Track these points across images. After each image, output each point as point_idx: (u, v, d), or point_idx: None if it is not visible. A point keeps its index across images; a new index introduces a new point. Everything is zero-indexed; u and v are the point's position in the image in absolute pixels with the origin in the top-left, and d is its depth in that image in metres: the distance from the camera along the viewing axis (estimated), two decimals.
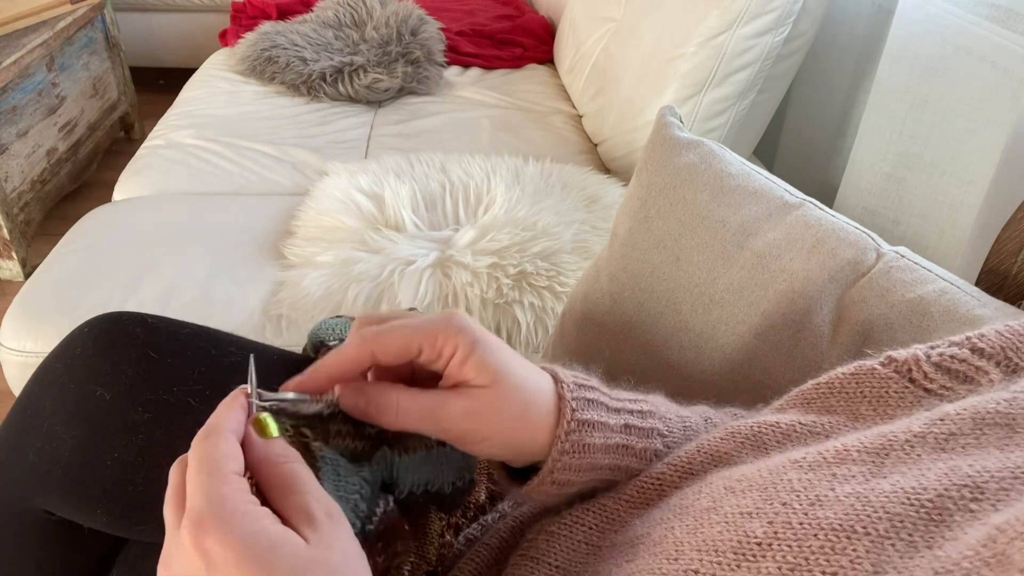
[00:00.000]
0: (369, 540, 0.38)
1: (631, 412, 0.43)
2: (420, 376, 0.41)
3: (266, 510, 0.32)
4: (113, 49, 2.28)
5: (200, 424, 0.57)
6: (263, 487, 0.34)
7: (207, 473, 0.32)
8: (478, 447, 0.39)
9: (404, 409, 0.37)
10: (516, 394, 0.39)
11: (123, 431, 0.56)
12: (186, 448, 0.56)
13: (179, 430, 0.57)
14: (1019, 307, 0.58)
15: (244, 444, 0.35)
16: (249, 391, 0.37)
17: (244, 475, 0.33)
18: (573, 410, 0.40)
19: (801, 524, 0.30)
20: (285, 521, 0.32)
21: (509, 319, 1.06)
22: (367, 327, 0.38)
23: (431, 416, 0.38)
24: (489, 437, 0.38)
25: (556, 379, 0.42)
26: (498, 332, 1.06)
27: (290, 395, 0.38)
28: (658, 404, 0.46)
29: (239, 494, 0.31)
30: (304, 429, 0.39)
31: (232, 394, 0.36)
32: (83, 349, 0.59)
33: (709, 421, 0.48)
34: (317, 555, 0.30)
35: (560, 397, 0.41)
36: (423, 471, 0.41)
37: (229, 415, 0.35)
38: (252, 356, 0.38)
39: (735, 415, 0.50)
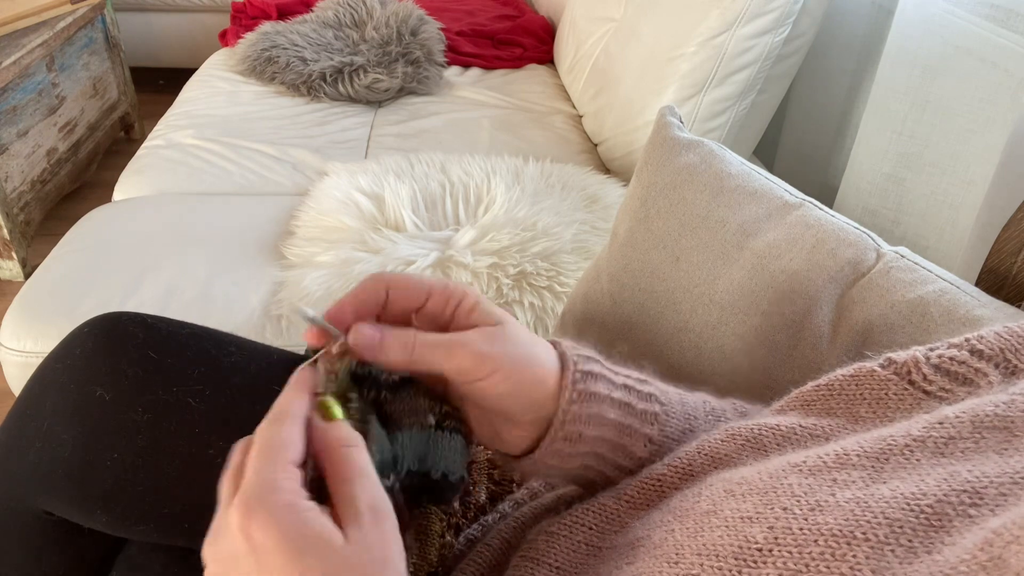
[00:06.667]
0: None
1: (628, 376, 0.44)
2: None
3: (312, 504, 0.32)
4: (113, 49, 2.28)
5: (200, 424, 0.57)
6: (324, 471, 0.34)
7: (265, 458, 0.33)
8: (490, 381, 0.39)
9: (421, 341, 0.38)
10: (523, 334, 0.40)
11: (123, 431, 0.56)
12: (186, 448, 0.57)
13: (179, 430, 0.57)
14: (1019, 307, 0.58)
15: (309, 427, 0.36)
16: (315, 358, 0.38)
17: (306, 464, 0.34)
18: (575, 362, 0.41)
19: (801, 530, 0.30)
20: (336, 511, 0.33)
21: None
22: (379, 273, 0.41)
23: (448, 347, 0.38)
24: (501, 367, 0.38)
25: (554, 343, 0.43)
26: None
27: (319, 317, 0.39)
28: (653, 378, 0.47)
29: (289, 483, 0.32)
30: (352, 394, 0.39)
31: (297, 376, 0.37)
32: (83, 349, 0.59)
33: (707, 404, 0.48)
34: (351, 555, 0.31)
35: (562, 354, 0.42)
36: (417, 448, 0.40)
37: (297, 400, 0.36)
38: (307, 313, 0.38)
39: (736, 407, 0.50)
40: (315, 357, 0.38)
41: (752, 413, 0.49)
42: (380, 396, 0.40)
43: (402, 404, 0.40)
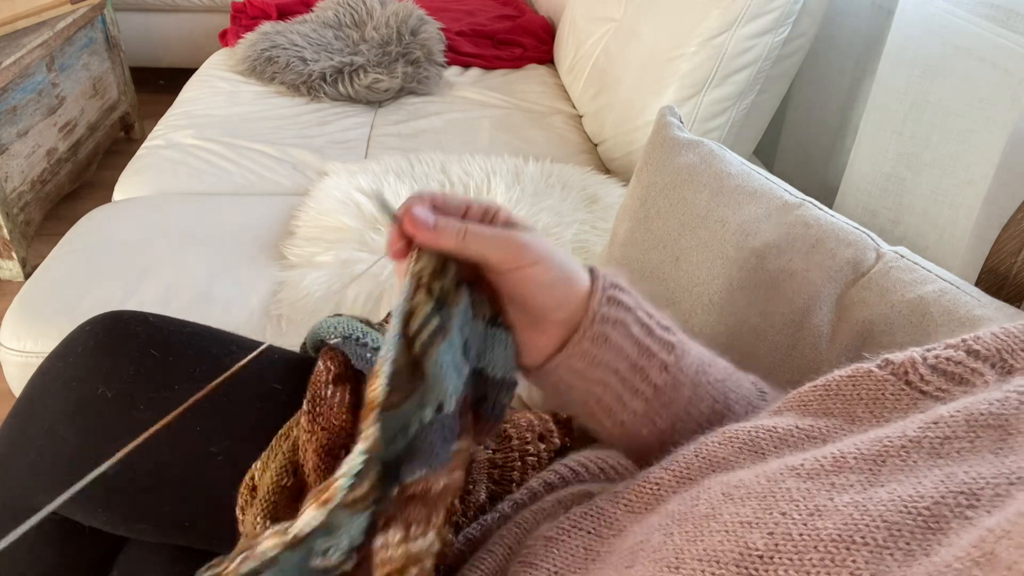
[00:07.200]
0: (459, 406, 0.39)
1: (649, 306, 0.47)
2: None
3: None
4: (113, 49, 2.28)
5: (201, 423, 0.57)
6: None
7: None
8: (534, 270, 0.41)
9: (472, 228, 0.40)
10: (555, 245, 0.43)
11: (124, 430, 0.56)
12: (187, 448, 0.57)
13: (180, 429, 0.57)
14: (1019, 307, 0.58)
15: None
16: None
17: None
18: (605, 276, 0.44)
19: (801, 536, 0.30)
20: None
21: None
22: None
23: (496, 235, 0.41)
24: (544, 259, 0.41)
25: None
26: None
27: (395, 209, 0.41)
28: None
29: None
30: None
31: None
32: (84, 347, 0.59)
33: (720, 360, 0.50)
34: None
35: (592, 269, 0.45)
36: (478, 342, 0.42)
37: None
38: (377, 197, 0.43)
39: (755, 383, 0.51)
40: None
41: (771, 397, 0.49)
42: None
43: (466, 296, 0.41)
